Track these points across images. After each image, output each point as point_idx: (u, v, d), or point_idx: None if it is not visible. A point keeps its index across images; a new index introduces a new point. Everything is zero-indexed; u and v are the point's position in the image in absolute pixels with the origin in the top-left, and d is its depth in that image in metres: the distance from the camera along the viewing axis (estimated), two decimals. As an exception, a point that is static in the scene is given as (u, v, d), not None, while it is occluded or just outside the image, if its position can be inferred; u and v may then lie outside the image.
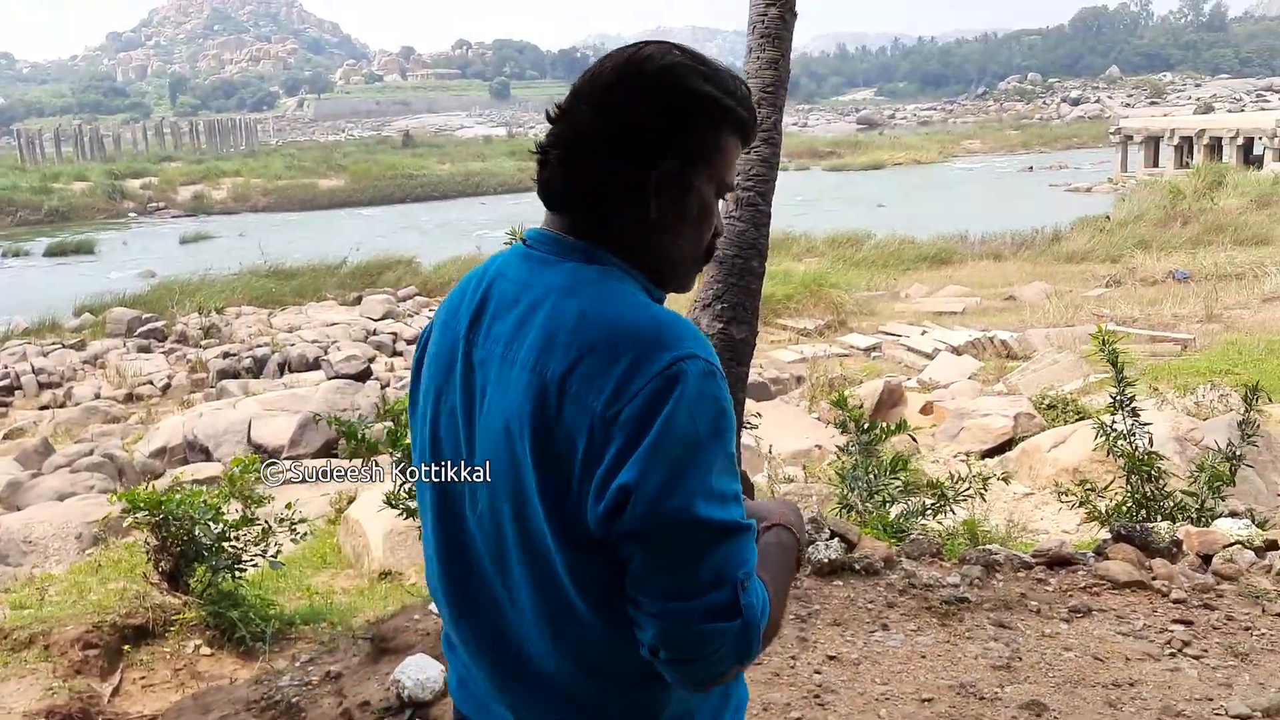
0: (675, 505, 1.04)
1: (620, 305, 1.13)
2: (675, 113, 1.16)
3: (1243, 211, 27.72)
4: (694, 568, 1.05)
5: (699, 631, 1.06)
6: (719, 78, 1.19)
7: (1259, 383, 4.71)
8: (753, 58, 4.44)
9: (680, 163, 1.17)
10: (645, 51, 1.19)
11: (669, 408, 1.05)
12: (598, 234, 1.19)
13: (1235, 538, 3.73)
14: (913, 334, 17.51)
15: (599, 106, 1.17)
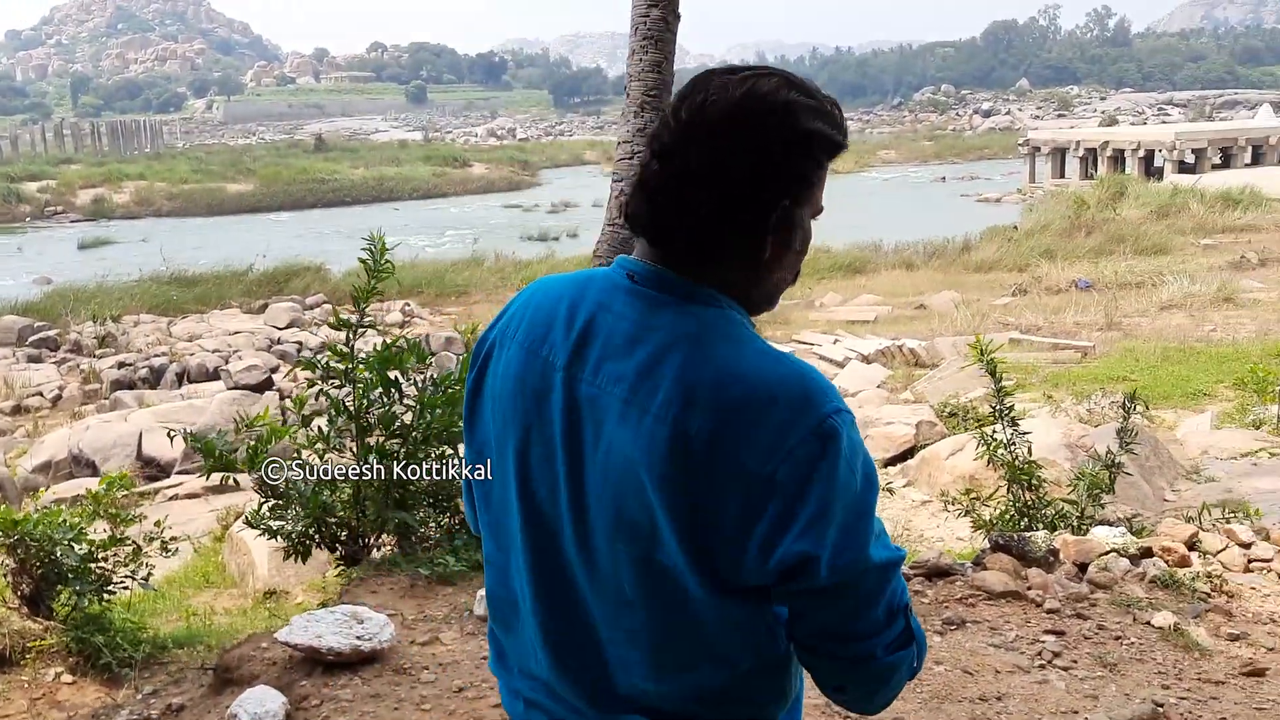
0: (852, 559, 1.10)
1: (756, 358, 1.14)
2: (794, 155, 1.16)
3: (1143, 222, 28.64)
4: (873, 608, 1.14)
5: (886, 664, 1.15)
6: (826, 110, 1.19)
7: (1136, 391, 4.76)
8: (635, 60, 4.36)
9: (793, 202, 1.18)
10: (761, 88, 1.16)
11: (829, 467, 1.09)
12: (705, 271, 1.18)
13: (1111, 545, 3.75)
14: (825, 342, 17.67)
15: (715, 148, 1.14)
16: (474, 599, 3.17)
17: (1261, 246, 24.23)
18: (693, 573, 1.14)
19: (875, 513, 1.14)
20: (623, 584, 1.18)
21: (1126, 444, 4.41)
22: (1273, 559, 3.92)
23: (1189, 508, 6.57)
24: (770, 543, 1.10)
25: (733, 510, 1.10)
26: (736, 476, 1.10)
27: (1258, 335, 14.73)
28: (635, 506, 1.14)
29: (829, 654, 1.16)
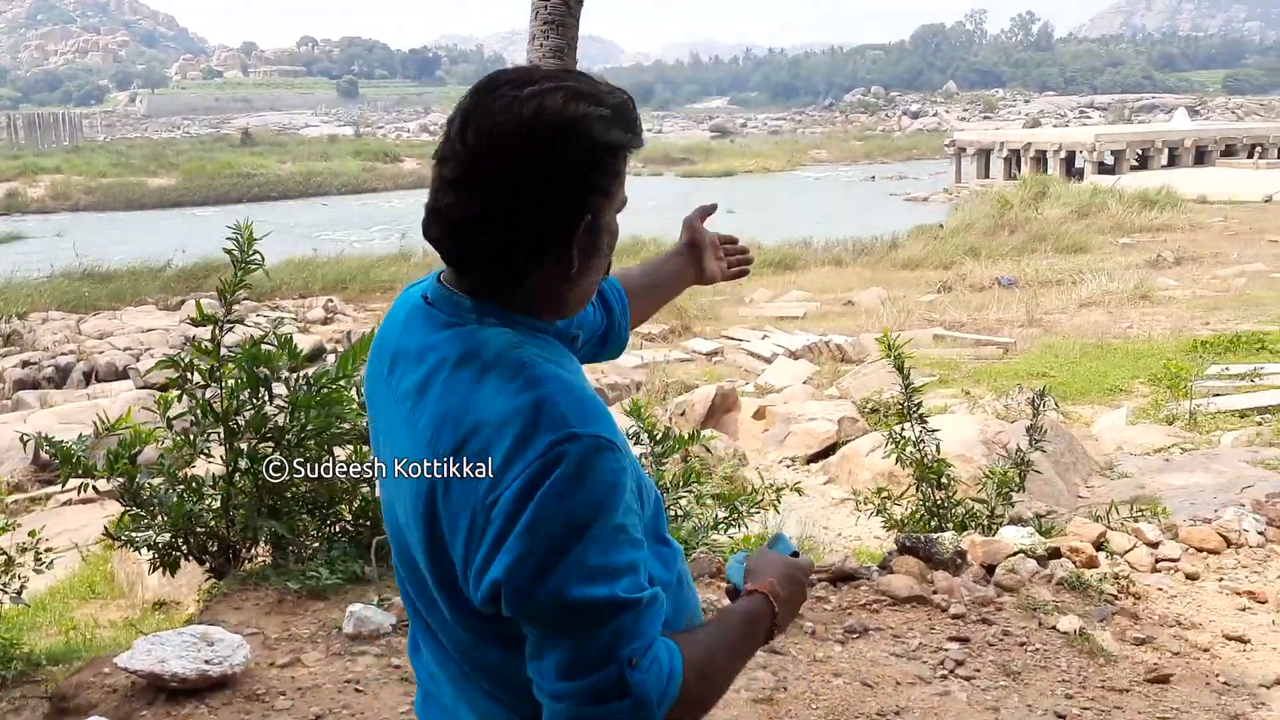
0: (548, 591, 1.05)
1: (504, 384, 1.11)
2: (591, 172, 1.14)
3: (1064, 221, 29.18)
4: (579, 648, 1.07)
5: (587, 713, 1.07)
6: (618, 113, 1.16)
7: (1047, 388, 4.70)
8: (536, 45, 4.16)
9: (596, 214, 1.16)
10: (549, 106, 1.12)
11: (539, 495, 1.05)
12: (506, 292, 1.17)
13: (1019, 546, 3.65)
14: (754, 338, 17.64)
15: (508, 177, 1.11)
16: (345, 615, 2.94)
17: (1177, 245, 24.82)
18: (439, 592, 1.16)
19: (612, 545, 1.07)
20: (413, 589, 1.23)
21: (1036, 442, 4.33)
22: (1179, 559, 3.86)
23: (1102, 504, 6.57)
24: (482, 569, 1.08)
25: (462, 534, 1.10)
26: (467, 501, 1.09)
27: (1173, 332, 15.00)
28: (407, 513, 1.17)
29: (539, 687, 1.10)
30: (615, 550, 1.08)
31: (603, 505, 1.07)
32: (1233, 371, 10.37)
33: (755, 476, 8.33)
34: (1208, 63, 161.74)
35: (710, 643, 1.19)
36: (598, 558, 1.06)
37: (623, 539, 1.09)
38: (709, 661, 1.16)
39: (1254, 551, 4.10)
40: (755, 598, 1.25)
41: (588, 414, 1.10)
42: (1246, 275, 20.53)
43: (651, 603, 1.10)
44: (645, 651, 1.08)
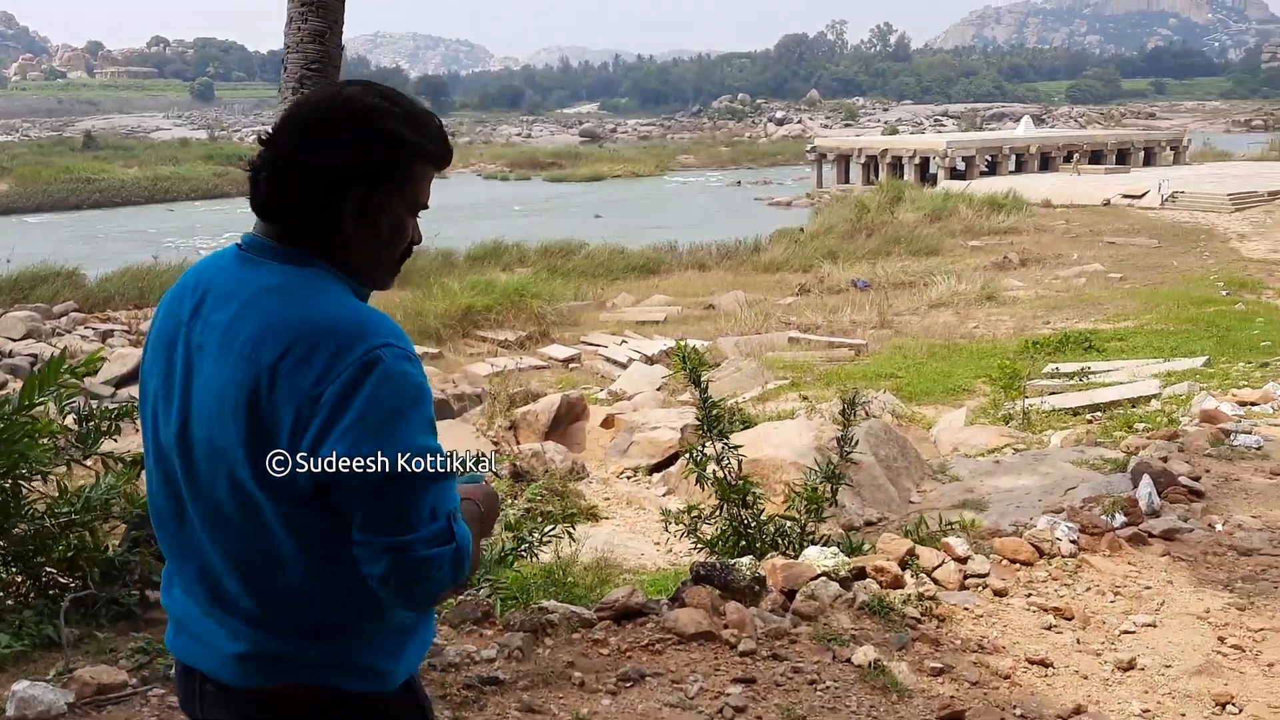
0: (382, 464, 1.27)
1: (326, 303, 1.35)
2: (370, 147, 1.39)
3: (918, 224, 29.94)
4: (413, 507, 1.30)
5: (424, 556, 1.29)
6: (411, 118, 1.42)
7: (855, 398, 4.49)
8: (293, 29, 3.72)
9: (371, 188, 1.39)
10: (347, 92, 1.42)
11: (367, 387, 1.28)
12: (303, 243, 1.39)
13: (822, 568, 3.41)
14: (611, 344, 17.37)
15: (305, 137, 1.38)
16: (9, 695, 2.42)
17: (1022, 248, 25.69)
18: (259, 486, 1.32)
19: (425, 431, 1.31)
20: (220, 505, 1.37)
21: (846, 453, 4.11)
22: (988, 574, 3.69)
23: (932, 509, 6.49)
24: (314, 451, 1.28)
25: (287, 426, 1.29)
26: (292, 398, 1.28)
27: (1015, 331, 15.38)
28: (220, 432, 1.33)
29: (372, 546, 1.29)
30: (427, 434, 1.32)
31: (415, 399, 1.32)
32: (1064, 370, 10.58)
33: (592, 489, 8.03)
34: (1053, 74, 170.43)
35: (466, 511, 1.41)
36: (419, 439, 1.30)
37: (429, 427, 1.33)
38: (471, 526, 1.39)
39: (1065, 562, 3.97)
40: (488, 488, 1.55)
41: (397, 333, 1.34)
42: (1086, 275, 21.35)
43: (453, 476, 1.34)
44: (455, 512, 1.34)
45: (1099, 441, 7.41)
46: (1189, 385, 9.08)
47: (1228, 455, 6.06)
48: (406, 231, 1.45)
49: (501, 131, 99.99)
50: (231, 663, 1.40)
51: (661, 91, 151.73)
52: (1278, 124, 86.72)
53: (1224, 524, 4.72)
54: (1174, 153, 45.89)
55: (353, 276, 1.41)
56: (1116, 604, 3.64)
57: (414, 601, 1.33)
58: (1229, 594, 3.82)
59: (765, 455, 6.90)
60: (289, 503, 1.31)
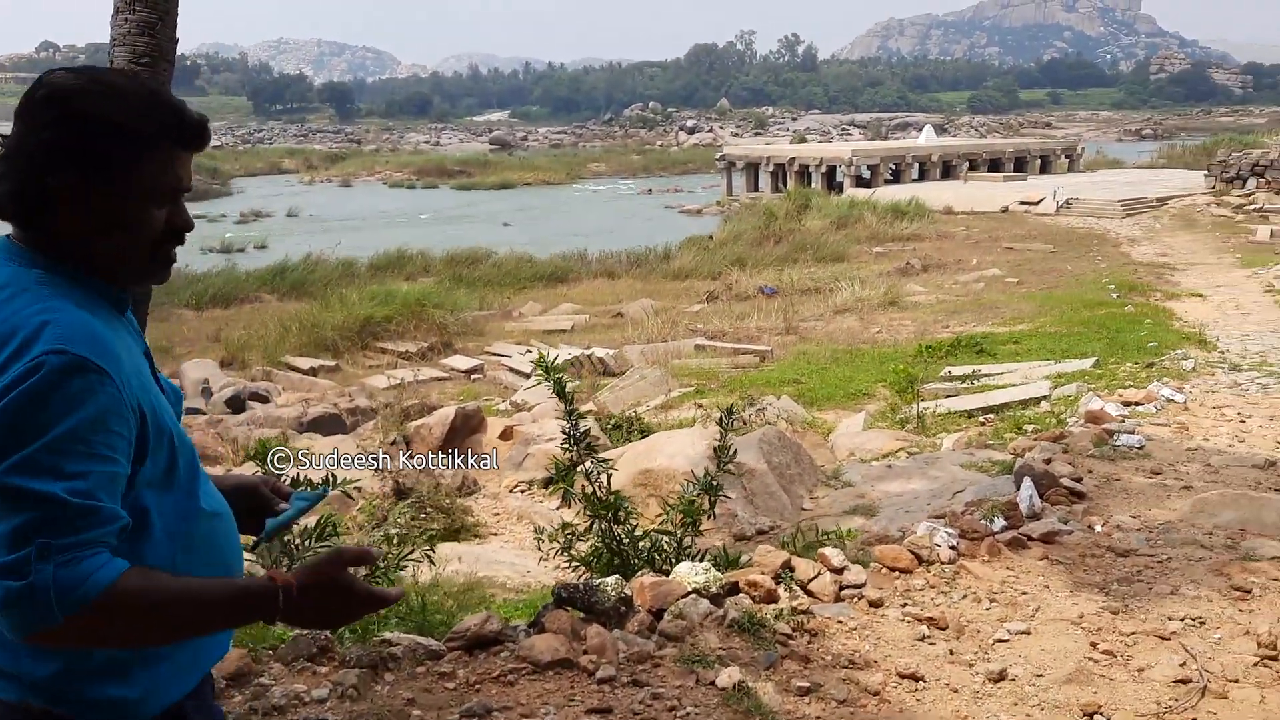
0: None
1: (24, 306, 1.28)
2: (72, 133, 1.31)
3: (824, 231, 30.31)
4: (4, 528, 1.18)
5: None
6: (126, 97, 1.34)
7: (734, 406, 4.39)
8: (120, 20, 3.45)
9: (81, 177, 1.31)
10: (49, 79, 1.36)
11: (15, 393, 1.21)
12: (37, 240, 1.35)
13: (692, 585, 3.27)
14: (515, 354, 17.12)
15: (15, 125, 1.35)
16: None
17: (924, 254, 26.17)
18: None
19: (69, 454, 1.20)
20: None
21: (724, 464, 3.99)
22: (864, 585, 3.61)
23: (825, 515, 6.45)
24: None
25: None
26: None
27: (916, 335, 15.57)
28: None
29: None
30: (70, 457, 1.20)
31: (66, 413, 1.21)
32: (955, 374, 10.71)
33: (481, 504, 7.80)
34: (954, 84, 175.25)
35: (169, 585, 1.27)
36: (47, 457, 1.19)
37: (81, 450, 1.21)
38: (152, 596, 1.24)
39: (944, 569, 3.91)
40: (267, 583, 1.32)
41: (85, 339, 1.25)
42: (984, 280, 21.80)
43: (90, 512, 1.20)
44: (66, 549, 1.18)
45: (989, 444, 7.47)
46: (1077, 386, 9.24)
47: (1110, 455, 6.13)
48: (145, 220, 1.36)
49: (409, 139, 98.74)
50: None
51: (573, 100, 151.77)
52: (1166, 133, 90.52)
53: (1103, 525, 4.74)
54: (1069, 161, 47.43)
55: (100, 274, 1.36)
56: (992, 611, 3.58)
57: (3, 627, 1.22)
58: (1104, 597, 3.80)
59: (659, 465, 6.77)
60: None
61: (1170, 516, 4.92)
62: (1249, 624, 3.53)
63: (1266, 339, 11.47)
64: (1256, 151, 30.83)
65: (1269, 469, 5.85)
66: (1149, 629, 3.45)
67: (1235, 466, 5.96)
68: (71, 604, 1.18)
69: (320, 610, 1.35)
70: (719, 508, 6.52)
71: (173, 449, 1.37)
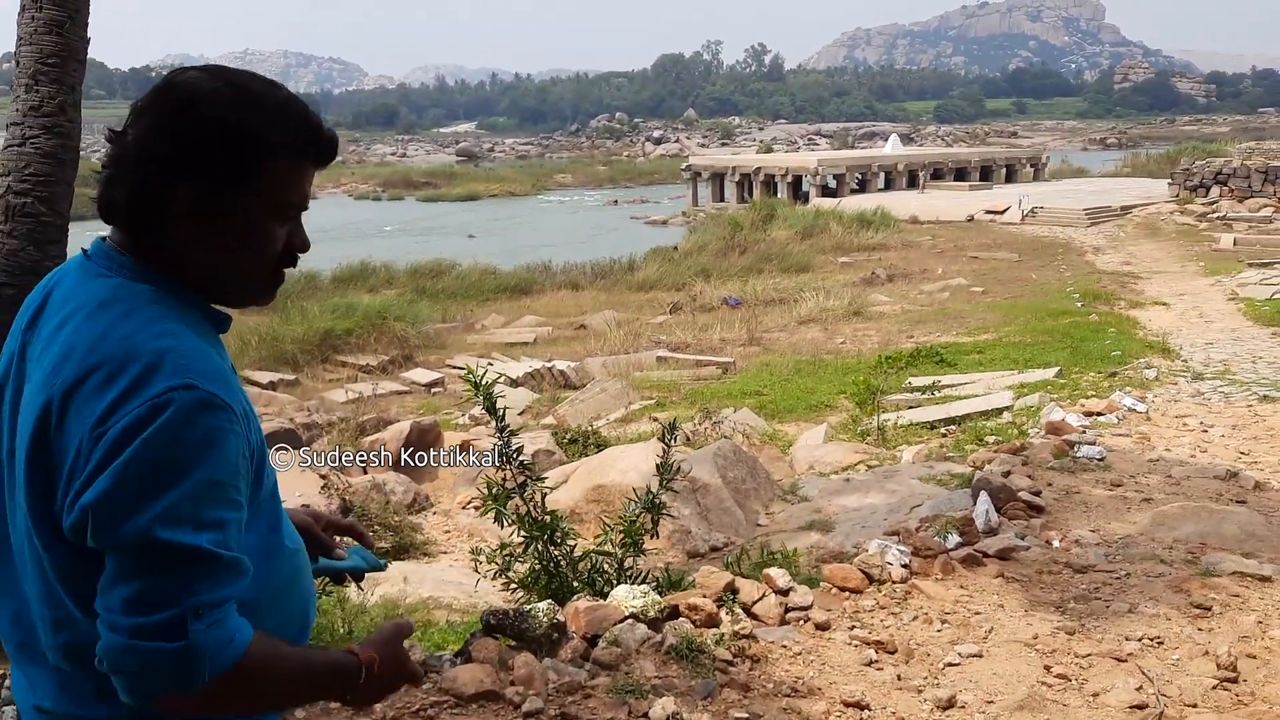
0: (135, 526, 1.10)
1: (138, 328, 1.17)
2: (201, 138, 1.21)
3: (790, 242, 30.32)
4: (151, 585, 1.10)
5: (141, 647, 1.10)
6: (263, 104, 1.25)
7: (676, 421, 4.23)
8: (25, 18, 3.26)
9: (209, 186, 1.22)
10: (180, 78, 1.26)
11: (147, 433, 1.10)
12: (146, 249, 1.25)
13: (630, 609, 3.10)
14: (476, 367, 16.91)
15: (136, 129, 1.23)
16: None
17: (889, 263, 26.22)
18: (37, 530, 1.19)
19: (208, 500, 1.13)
20: (22, 538, 1.23)
21: (666, 481, 3.83)
22: (811, 607, 3.45)
23: (781, 531, 6.30)
24: (78, 494, 1.13)
25: (68, 464, 1.15)
26: (78, 430, 1.14)
27: (880, 346, 15.51)
28: (22, 460, 1.20)
29: (101, 619, 1.13)
30: (208, 503, 1.13)
31: (203, 456, 1.13)
32: (914, 385, 10.63)
33: (431, 522, 7.60)
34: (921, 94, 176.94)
35: (287, 654, 1.22)
36: (189, 505, 1.11)
37: (218, 494, 1.14)
38: (276, 666, 1.19)
39: (895, 589, 3.77)
40: (352, 660, 1.29)
41: (208, 373, 1.17)
42: (949, 290, 21.84)
43: (234, 564, 1.15)
44: (214, 608, 1.12)
45: (949, 456, 7.36)
46: (1040, 396, 9.17)
47: (1070, 468, 6.03)
48: (270, 237, 1.28)
49: (375, 151, 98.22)
50: (33, 715, 1.29)
51: (540, 111, 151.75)
52: (1131, 142, 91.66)
53: (1061, 540, 4.63)
54: (1034, 170, 47.84)
55: (206, 291, 1.28)
56: (943, 633, 3.44)
57: (124, 693, 1.13)
58: (1060, 616, 3.67)
59: (611, 480, 6.60)
60: (59, 550, 1.18)
61: (1130, 530, 4.81)
62: (1208, 643, 3.41)
63: (1229, 347, 11.49)
64: (1219, 160, 31.17)
65: (1230, 480, 5.78)
66: (1105, 650, 3.32)
67: (1197, 477, 5.89)
68: (219, 667, 1.13)
69: (383, 687, 1.33)
70: (673, 524, 6.40)
71: (265, 482, 1.29)
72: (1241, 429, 7.29)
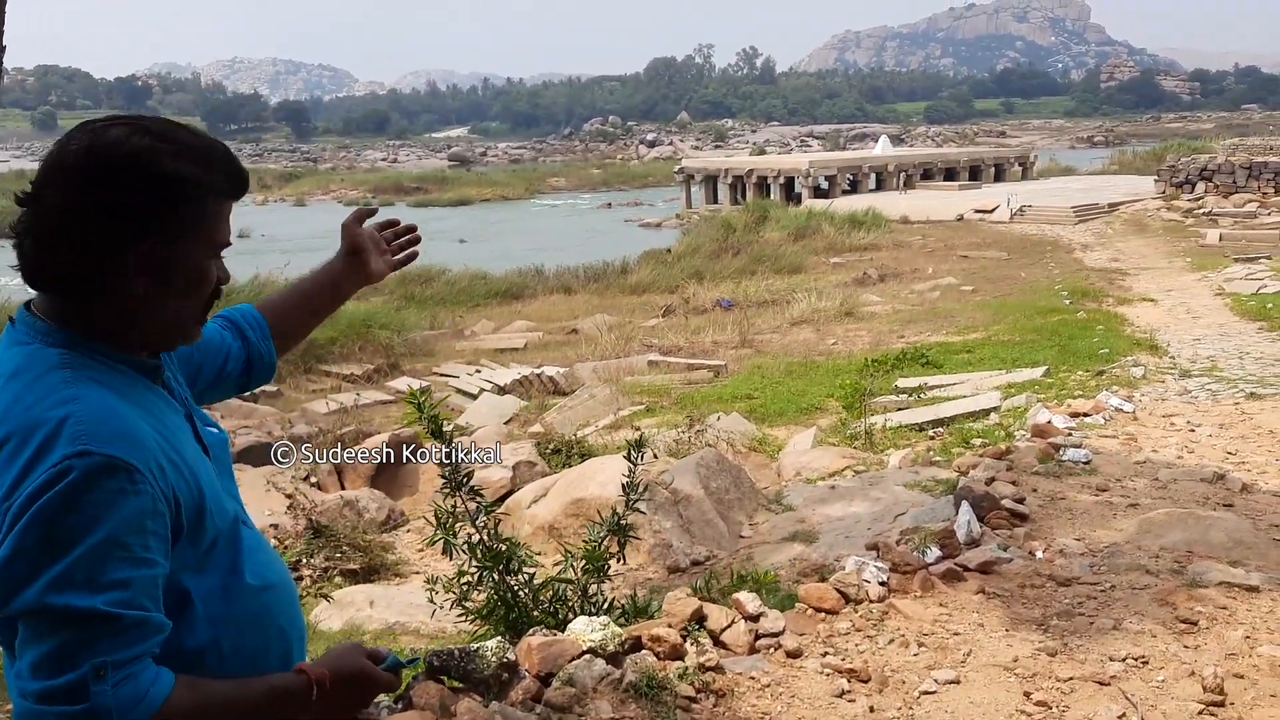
0: (29, 595, 1.11)
1: (40, 396, 1.18)
2: (147, 194, 1.22)
3: (782, 243, 30.22)
4: (52, 650, 1.11)
5: (38, 711, 1.12)
6: (192, 153, 1.25)
7: (643, 437, 4.09)
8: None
9: (161, 239, 1.24)
10: (110, 135, 1.23)
11: (41, 502, 1.11)
12: (78, 313, 1.24)
13: (588, 643, 2.96)
14: (464, 374, 16.74)
15: (68, 190, 1.20)
16: None
17: (881, 263, 26.11)
18: None
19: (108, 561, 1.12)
20: None
21: (632, 501, 3.69)
22: (782, 632, 3.31)
23: (764, 542, 6.16)
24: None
25: None
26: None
27: (872, 346, 15.38)
28: None
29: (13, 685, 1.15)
30: (107, 564, 1.13)
31: (100, 519, 1.13)
32: (901, 387, 10.51)
33: (405, 540, 7.43)
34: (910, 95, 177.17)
35: (216, 693, 1.23)
36: (83, 569, 1.12)
37: (120, 556, 1.14)
38: (204, 709, 1.20)
39: (872, 609, 3.63)
40: (299, 677, 1.31)
41: (111, 435, 1.16)
42: (940, 289, 21.72)
43: (140, 623, 1.14)
44: (120, 667, 1.13)
45: (935, 460, 7.23)
46: (1027, 397, 9.05)
47: (1055, 472, 5.90)
48: (209, 276, 1.31)
49: (366, 157, 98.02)
50: None
51: (532, 115, 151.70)
52: (1117, 140, 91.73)
53: (1045, 550, 4.49)
54: (1022, 168, 47.78)
55: (142, 341, 1.29)
56: (920, 657, 3.30)
57: None
58: (1042, 635, 3.53)
59: (591, 494, 6.45)
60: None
61: (1116, 538, 4.68)
62: (1194, 662, 3.28)
63: (1216, 343, 11.38)
64: (1204, 156, 31.13)
65: (1217, 482, 5.65)
66: (1088, 673, 3.18)
67: (1184, 480, 5.76)
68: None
69: (344, 701, 1.34)
70: (654, 538, 6.26)
71: (213, 526, 1.30)
72: (1229, 428, 7.17)
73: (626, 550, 6.28)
